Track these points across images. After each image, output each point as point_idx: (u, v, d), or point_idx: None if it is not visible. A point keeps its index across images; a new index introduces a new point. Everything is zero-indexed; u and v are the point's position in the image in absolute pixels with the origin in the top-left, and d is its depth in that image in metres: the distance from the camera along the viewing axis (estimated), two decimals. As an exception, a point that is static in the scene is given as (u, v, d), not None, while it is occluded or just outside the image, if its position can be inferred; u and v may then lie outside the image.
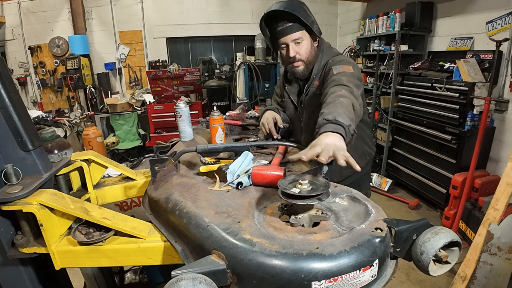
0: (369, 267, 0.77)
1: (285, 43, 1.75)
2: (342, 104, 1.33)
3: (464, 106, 3.54)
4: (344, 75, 1.57)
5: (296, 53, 1.75)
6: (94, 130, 4.65)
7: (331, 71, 1.63)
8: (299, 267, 0.73)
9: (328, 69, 1.70)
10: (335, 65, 1.66)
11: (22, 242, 1.13)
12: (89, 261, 1.14)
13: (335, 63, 1.71)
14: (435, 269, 0.83)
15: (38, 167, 1.21)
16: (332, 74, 1.61)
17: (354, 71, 1.63)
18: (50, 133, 2.21)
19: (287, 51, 1.76)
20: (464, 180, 3.40)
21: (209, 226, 0.89)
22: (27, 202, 1.06)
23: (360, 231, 0.83)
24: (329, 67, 1.70)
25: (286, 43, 1.74)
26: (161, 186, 1.24)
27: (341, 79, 1.52)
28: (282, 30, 1.72)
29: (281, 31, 1.72)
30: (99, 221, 1.11)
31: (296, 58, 1.76)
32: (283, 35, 1.72)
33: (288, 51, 1.75)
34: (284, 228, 0.89)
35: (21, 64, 6.67)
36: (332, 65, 1.67)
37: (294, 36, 1.71)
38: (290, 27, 1.70)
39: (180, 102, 1.73)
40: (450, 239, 0.80)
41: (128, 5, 6.71)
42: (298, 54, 1.75)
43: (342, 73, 1.58)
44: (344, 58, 1.79)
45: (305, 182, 0.93)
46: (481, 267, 2.29)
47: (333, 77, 1.57)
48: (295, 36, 1.71)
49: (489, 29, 3.62)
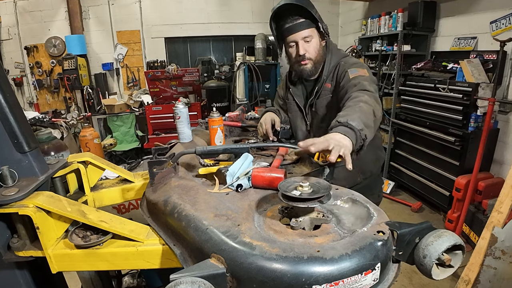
0: (371, 271, 0.77)
1: (294, 41, 1.73)
2: (361, 109, 1.33)
3: (468, 107, 3.55)
4: (364, 79, 1.56)
5: (305, 51, 1.73)
6: (91, 132, 4.65)
7: (347, 74, 1.63)
8: (299, 270, 0.73)
9: (343, 71, 1.69)
10: (350, 68, 1.66)
11: (18, 246, 1.13)
12: (86, 265, 1.14)
13: (348, 65, 1.70)
14: (438, 273, 0.83)
15: (35, 169, 1.21)
16: (349, 77, 1.60)
17: (369, 75, 1.64)
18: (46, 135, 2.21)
19: (297, 49, 1.75)
20: (468, 182, 3.40)
21: (208, 229, 0.89)
22: (23, 205, 1.06)
23: (362, 234, 0.83)
24: (343, 70, 1.69)
25: (295, 41, 1.73)
26: (160, 189, 1.24)
27: (363, 84, 1.51)
28: (291, 27, 1.70)
29: (289, 28, 1.71)
30: (96, 224, 1.11)
31: (305, 56, 1.74)
32: (292, 33, 1.71)
33: (298, 49, 1.73)
34: (285, 231, 0.89)
35: (17, 65, 6.68)
36: (348, 68, 1.66)
37: (304, 34, 1.70)
38: (299, 24, 1.69)
39: (179, 103, 1.73)
40: (453, 243, 0.80)
41: (126, 4, 6.73)
42: (307, 52, 1.74)
43: (361, 77, 1.58)
44: (357, 61, 1.79)
45: (306, 184, 0.93)
46: (485, 271, 2.28)
47: (352, 81, 1.57)
48: (305, 33, 1.70)
49: (493, 29, 3.63)
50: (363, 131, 1.23)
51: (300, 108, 1.96)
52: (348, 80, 1.60)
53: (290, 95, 2.00)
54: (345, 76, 1.64)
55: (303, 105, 1.94)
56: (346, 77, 1.62)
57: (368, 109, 1.35)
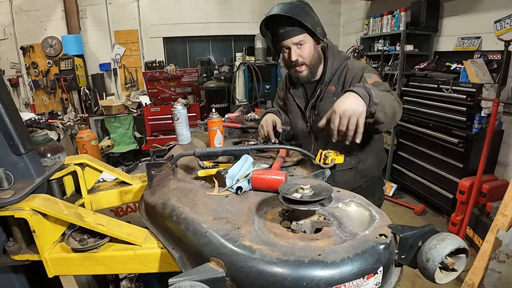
0: (373, 275, 0.77)
1: (287, 46, 1.75)
2: (387, 96, 1.36)
3: (472, 108, 3.55)
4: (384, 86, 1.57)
5: (298, 56, 1.75)
6: (88, 133, 4.63)
7: (364, 78, 1.64)
8: (300, 274, 0.73)
9: (354, 74, 1.70)
10: (366, 73, 1.67)
11: (14, 249, 1.13)
12: (83, 269, 1.14)
13: (358, 69, 1.72)
14: (441, 276, 0.83)
15: (31, 171, 1.21)
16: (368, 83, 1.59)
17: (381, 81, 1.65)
18: (42, 136, 2.21)
19: (289, 54, 1.76)
20: (472, 184, 3.41)
21: (207, 232, 0.89)
22: (19, 208, 1.06)
23: (364, 238, 0.83)
24: (354, 73, 1.71)
25: (288, 46, 1.75)
26: (158, 191, 1.24)
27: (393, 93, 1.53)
28: (283, 33, 1.72)
29: (282, 34, 1.73)
30: (93, 227, 1.11)
31: (298, 61, 1.76)
32: (285, 38, 1.73)
33: (290, 54, 1.75)
34: (285, 235, 0.89)
35: (13, 65, 6.69)
36: (363, 73, 1.68)
37: (295, 40, 1.72)
38: (291, 30, 1.70)
39: (178, 104, 1.74)
40: (457, 246, 0.81)
41: (123, 3, 6.74)
42: (300, 57, 1.75)
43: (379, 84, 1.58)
44: (365, 65, 1.81)
45: (307, 187, 0.93)
46: (489, 275, 2.28)
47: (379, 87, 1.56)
48: (297, 39, 1.72)
49: (498, 29, 3.64)
50: (376, 105, 1.26)
51: (301, 109, 1.96)
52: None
53: (290, 96, 2.00)
54: (361, 80, 1.64)
55: (303, 107, 1.94)
56: (363, 81, 1.61)
57: (392, 103, 1.38)
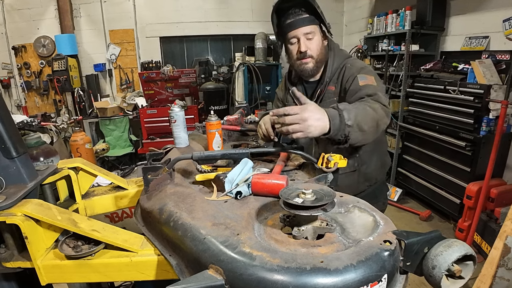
0: (377, 283, 0.77)
1: (295, 36, 1.74)
2: (365, 111, 1.35)
3: (479, 110, 3.56)
4: (378, 89, 1.56)
5: (307, 48, 1.74)
6: (82, 136, 4.64)
7: (356, 80, 1.63)
8: (302, 282, 0.73)
9: (350, 75, 1.69)
10: (360, 74, 1.65)
11: (5, 256, 1.14)
12: (78, 277, 1.14)
13: (356, 69, 1.70)
14: (447, 284, 0.83)
15: (23, 175, 1.22)
16: (359, 85, 1.60)
17: (378, 84, 1.64)
18: (35, 139, 2.22)
19: (298, 45, 1.75)
20: (479, 189, 3.40)
21: (206, 239, 0.90)
22: (11, 213, 1.07)
23: (368, 244, 0.83)
24: (350, 73, 1.69)
25: (297, 37, 1.74)
26: (155, 196, 1.24)
27: (379, 96, 1.51)
28: (293, 22, 1.71)
29: (292, 23, 1.72)
30: (88, 233, 1.12)
31: (307, 53, 1.75)
32: (294, 28, 1.72)
33: (299, 45, 1.74)
34: (286, 241, 0.89)
35: (4, 65, 6.70)
36: (357, 73, 1.66)
37: (306, 30, 1.71)
38: (302, 20, 1.70)
39: (175, 106, 1.74)
40: (464, 253, 0.81)
41: (119, 2, 6.76)
42: (309, 49, 1.74)
43: (371, 87, 1.57)
44: (365, 65, 1.80)
45: (309, 191, 0.93)
46: (497, 283, 2.28)
47: (364, 91, 1.56)
48: (307, 29, 1.71)
49: (506, 28, 3.64)
50: (348, 128, 1.25)
51: None
52: (358, 88, 1.60)
53: (290, 97, 2.00)
54: (353, 82, 1.64)
55: None
56: (355, 84, 1.62)
57: (373, 115, 1.37)
